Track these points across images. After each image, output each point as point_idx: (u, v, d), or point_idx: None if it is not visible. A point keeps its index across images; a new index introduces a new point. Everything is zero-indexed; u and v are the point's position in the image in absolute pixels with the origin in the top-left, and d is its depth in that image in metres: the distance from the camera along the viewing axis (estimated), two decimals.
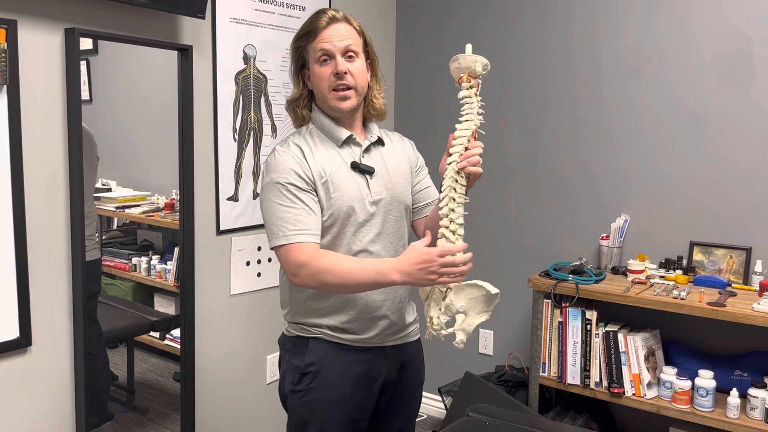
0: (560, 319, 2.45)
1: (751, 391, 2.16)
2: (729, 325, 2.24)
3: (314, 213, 1.52)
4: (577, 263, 2.52)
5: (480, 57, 1.46)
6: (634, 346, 2.33)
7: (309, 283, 1.49)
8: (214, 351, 2.41)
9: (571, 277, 2.44)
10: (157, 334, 2.37)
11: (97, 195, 2.11)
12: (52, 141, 1.86)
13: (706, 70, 2.42)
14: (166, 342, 2.36)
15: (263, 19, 2.46)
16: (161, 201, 2.28)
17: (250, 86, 2.44)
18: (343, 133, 1.60)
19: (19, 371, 1.84)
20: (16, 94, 1.74)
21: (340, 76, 1.54)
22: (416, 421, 1.86)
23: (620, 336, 2.35)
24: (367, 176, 1.60)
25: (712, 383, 2.21)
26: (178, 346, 2.26)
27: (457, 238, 1.47)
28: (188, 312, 2.24)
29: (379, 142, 1.67)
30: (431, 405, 3.15)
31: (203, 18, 2.14)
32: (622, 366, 2.34)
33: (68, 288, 1.93)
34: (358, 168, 1.59)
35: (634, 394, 2.33)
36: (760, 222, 2.36)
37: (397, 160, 1.68)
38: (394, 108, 3.19)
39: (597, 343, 2.38)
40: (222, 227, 2.39)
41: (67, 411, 1.96)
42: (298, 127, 1.66)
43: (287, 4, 2.55)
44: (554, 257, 2.75)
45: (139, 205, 2.26)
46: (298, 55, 1.61)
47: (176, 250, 2.28)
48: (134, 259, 2.31)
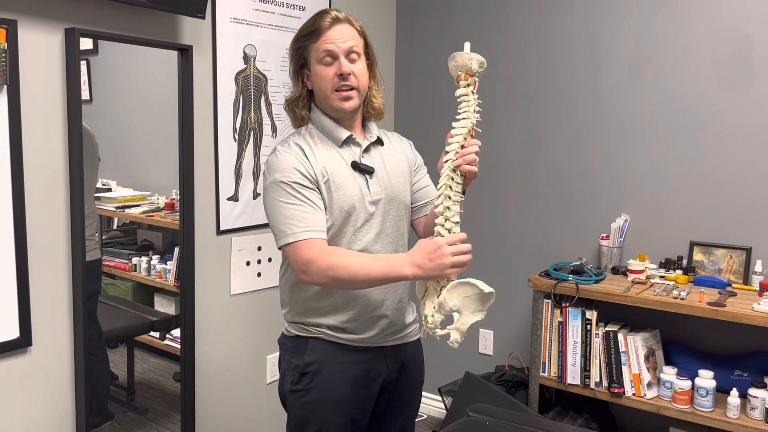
0: (560, 319, 2.45)
1: (751, 391, 2.16)
2: (729, 325, 2.24)
3: (320, 210, 1.53)
4: (577, 263, 2.52)
5: (476, 55, 1.46)
6: (634, 346, 2.33)
7: (319, 279, 1.49)
8: (214, 351, 2.41)
9: (571, 277, 2.44)
10: (157, 334, 2.37)
11: (97, 195, 2.11)
12: (52, 141, 1.86)
13: (706, 71, 2.42)
14: (166, 342, 2.36)
15: (263, 19, 2.46)
16: (161, 201, 2.28)
17: (250, 86, 2.44)
18: (343, 133, 1.60)
19: (19, 371, 1.84)
20: (16, 94, 1.74)
21: (344, 77, 1.54)
22: (416, 421, 1.86)
23: (620, 336, 2.35)
24: (367, 176, 1.60)
25: (712, 383, 2.21)
26: (178, 346, 2.26)
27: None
28: (188, 312, 2.24)
29: (378, 142, 1.67)
30: (431, 405, 3.15)
31: (203, 18, 2.14)
32: (622, 366, 2.34)
33: (68, 288, 1.93)
34: (358, 168, 1.59)
35: (634, 394, 2.33)
36: (760, 222, 2.36)
37: (396, 160, 1.68)
38: (394, 108, 3.19)
39: (597, 343, 2.38)
40: (222, 227, 2.39)
41: (67, 411, 1.96)
42: (297, 127, 1.66)
43: (287, 4, 2.55)
44: (554, 257, 2.75)
45: (139, 205, 2.26)
46: (298, 54, 1.61)
47: (176, 250, 2.28)
48: (134, 259, 2.31)
